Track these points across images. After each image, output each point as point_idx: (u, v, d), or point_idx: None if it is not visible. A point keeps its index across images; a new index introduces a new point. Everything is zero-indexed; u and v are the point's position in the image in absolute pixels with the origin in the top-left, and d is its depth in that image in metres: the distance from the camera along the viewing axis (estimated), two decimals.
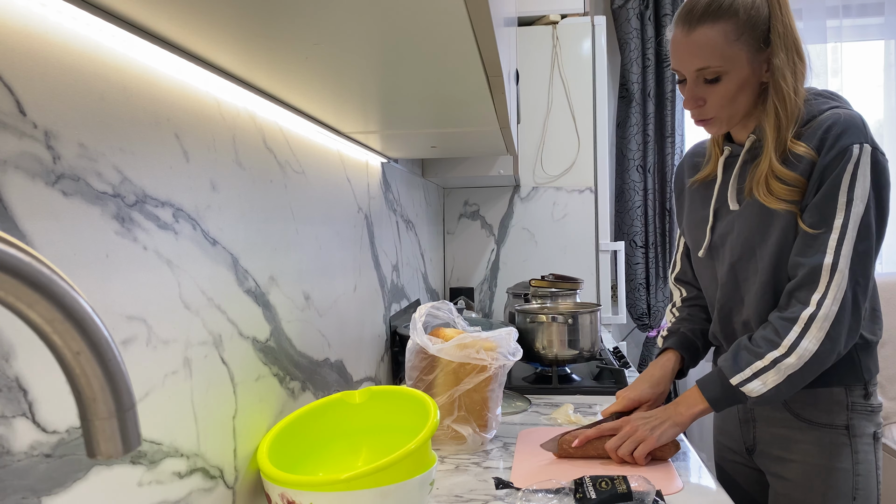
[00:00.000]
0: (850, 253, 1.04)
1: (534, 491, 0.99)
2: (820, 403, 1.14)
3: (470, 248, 2.66)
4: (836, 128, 1.05)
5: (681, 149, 3.05)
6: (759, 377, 1.07)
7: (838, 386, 1.13)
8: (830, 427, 1.13)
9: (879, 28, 3.06)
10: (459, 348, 1.18)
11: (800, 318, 1.06)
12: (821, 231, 1.06)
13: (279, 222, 0.97)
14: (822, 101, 1.11)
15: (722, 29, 1.06)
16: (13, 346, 0.47)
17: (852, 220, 1.04)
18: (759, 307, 1.16)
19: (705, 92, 1.12)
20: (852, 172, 1.03)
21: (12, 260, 0.27)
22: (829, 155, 1.05)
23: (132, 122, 0.61)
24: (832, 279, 1.04)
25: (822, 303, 1.05)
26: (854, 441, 1.12)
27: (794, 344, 1.06)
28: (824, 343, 1.04)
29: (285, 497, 0.79)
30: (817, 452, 1.14)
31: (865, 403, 1.13)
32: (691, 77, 1.12)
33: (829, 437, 1.13)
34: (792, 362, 1.05)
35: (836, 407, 1.13)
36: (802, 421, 1.15)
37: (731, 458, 1.33)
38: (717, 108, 1.12)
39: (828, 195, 1.05)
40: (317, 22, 0.59)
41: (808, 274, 1.06)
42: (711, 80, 1.10)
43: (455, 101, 0.96)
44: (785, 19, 1.07)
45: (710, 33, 1.07)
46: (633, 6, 3.02)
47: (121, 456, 0.30)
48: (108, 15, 0.55)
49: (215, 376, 0.77)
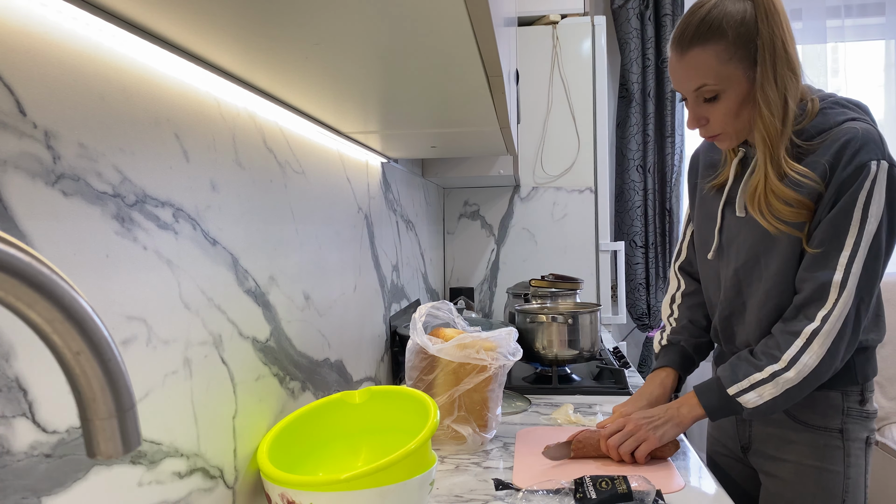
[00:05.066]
0: (859, 271, 1.03)
1: (534, 491, 0.99)
2: (816, 407, 1.14)
3: (470, 248, 2.66)
4: (854, 143, 1.02)
5: (681, 149, 3.05)
6: (756, 389, 1.08)
7: (835, 390, 1.13)
8: (825, 430, 1.14)
9: (880, 28, 3.06)
10: (459, 348, 1.18)
11: (802, 333, 1.06)
12: (832, 247, 1.05)
13: (279, 222, 0.97)
14: (840, 111, 1.08)
15: (713, 50, 1.05)
16: (13, 346, 0.47)
17: (865, 238, 1.03)
18: (760, 314, 1.16)
19: (707, 111, 1.11)
20: (868, 190, 1.02)
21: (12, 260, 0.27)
22: (845, 171, 1.03)
23: (132, 122, 0.61)
24: (840, 297, 1.04)
25: (826, 319, 1.05)
26: (847, 445, 1.13)
27: (794, 358, 1.06)
28: (824, 359, 1.05)
29: (285, 497, 0.79)
30: (810, 454, 1.14)
31: (861, 409, 1.14)
32: (691, 97, 1.12)
33: (823, 440, 1.14)
34: (790, 377, 1.06)
35: (831, 411, 1.14)
36: (798, 422, 1.16)
37: (724, 453, 1.33)
38: (720, 125, 1.11)
39: (842, 212, 1.03)
40: (317, 22, 0.59)
41: (817, 290, 1.06)
42: (710, 98, 1.09)
43: (455, 102, 0.96)
44: (773, 30, 1.04)
45: (702, 55, 1.06)
46: (633, 6, 3.02)
47: (121, 456, 0.30)
48: (108, 15, 0.55)
49: (215, 376, 0.77)
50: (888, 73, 3.08)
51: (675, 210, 3.06)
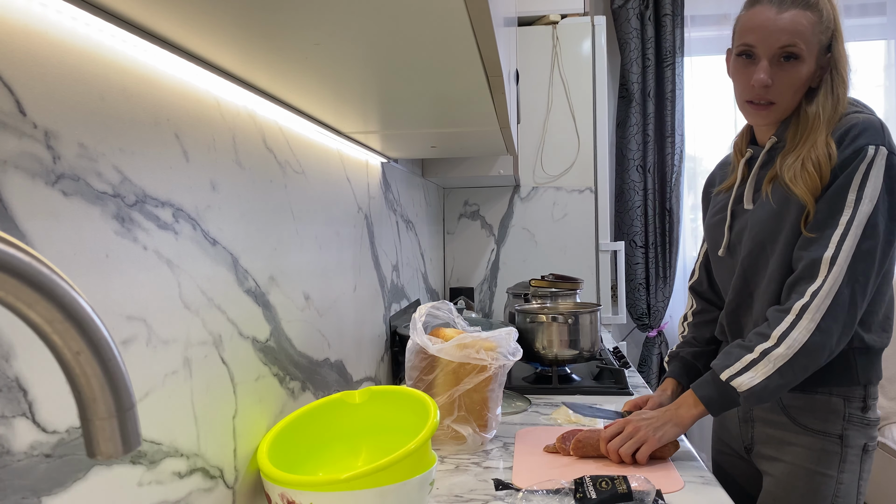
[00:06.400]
0: (851, 249, 1.04)
1: (534, 491, 0.99)
2: (817, 411, 1.14)
3: (470, 248, 2.66)
4: (855, 129, 1.08)
5: (681, 149, 3.05)
6: (750, 370, 1.08)
7: (837, 396, 1.13)
8: (824, 434, 1.14)
9: (880, 28, 3.06)
10: (459, 348, 1.18)
11: (792, 309, 1.07)
12: (826, 226, 1.06)
13: (279, 222, 0.97)
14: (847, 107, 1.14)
15: (810, 18, 1.11)
16: (13, 346, 0.47)
17: (858, 218, 1.04)
18: (765, 303, 1.17)
19: (777, 74, 1.13)
20: (864, 171, 1.05)
21: (12, 260, 0.27)
22: (843, 153, 1.07)
23: (132, 122, 0.61)
24: (829, 272, 1.05)
25: (816, 294, 1.05)
26: (845, 451, 1.13)
27: (783, 334, 1.06)
28: (814, 335, 1.04)
29: (285, 497, 0.79)
30: (807, 456, 1.15)
31: (862, 416, 1.13)
32: (772, 54, 1.13)
33: (821, 444, 1.14)
34: (781, 352, 1.06)
35: (832, 416, 1.14)
36: (798, 425, 1.16)
37: (728, 452, 1.35)
38: (782, 91, 1.14)
39: (837, 192, 1.06)
40: (317, 22, 0.59)
41: (807, 267, 1.07)
42: (788, 59, 1.12)
43: (455, 101, 0.96)
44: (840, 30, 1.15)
45: (801, 18, 1.11)
46: (633, 6, 3.02)
47: (121, 456, 0.30)
48: (108, 15, 0.55)
49: (215, 376, 0.77)
50: (888, 73, 3.08)
51: (675, 210, 3.06)
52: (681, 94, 3.04)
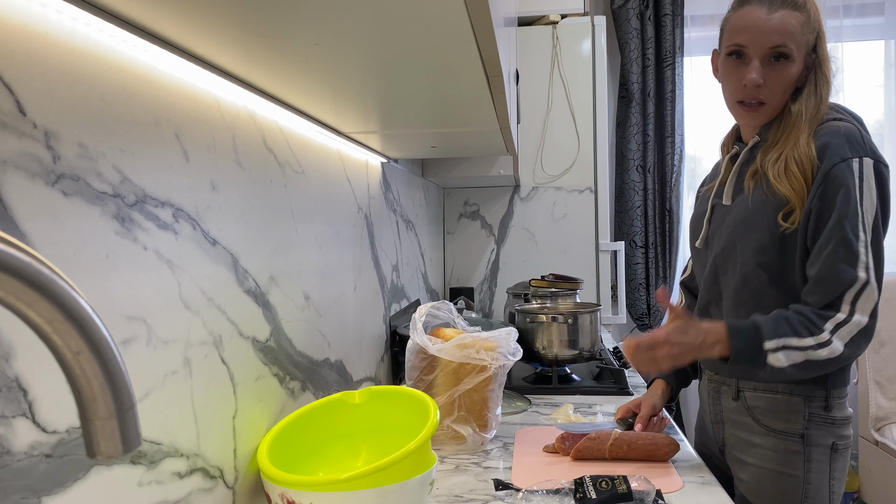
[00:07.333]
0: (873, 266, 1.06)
1: (534, 491, 0.99)
2: (779, 412, 1.15)
3: (470, 248, 2.66)
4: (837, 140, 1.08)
5: (681, 149, 3.05)
6: (786, 352, 1.06)
7: (797, 395, 1.14)
8: (786, 435, 1.14)
9: (880, 28, 3.06)
10: (459, 348, 1.18)
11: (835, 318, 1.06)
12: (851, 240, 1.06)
13: (279, 222, 0.97)
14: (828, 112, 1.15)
15: (798, 19, 1.13)
16: (13, 346, 0.47)
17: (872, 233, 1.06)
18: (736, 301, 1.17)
19: (768, 74, 1.14)
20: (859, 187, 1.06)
21: (12, 260, 0.27)
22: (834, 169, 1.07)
23: (132, 122, 0.61)
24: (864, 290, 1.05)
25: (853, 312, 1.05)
26: (808, 450, 1.13)
27: (828, 341, 1.05)
28: (849, 347, 1.05)
29: (285, 497, 0.79)
30: (771, 458, 1.15)
31: (825, 415, 1.13)
32: (763, 54, 1.14)
33: (784, 445, 1.14)
34: (822, 355, 1.05)
35: (793, 416, 1.14)
36: (762, 426, 1.17)
37: (706, 453, 1.35)
38: (773, 91, 1.15)
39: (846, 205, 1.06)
40: (317, 22, 0.59)
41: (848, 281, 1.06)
42: (779, 59, 1.13)
43: (455, 101, 0.96)
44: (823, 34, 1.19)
45: (790, 19, 1.13)
46: (633, 6, 3.02)
47: (121, 456, 0.30)
48: (108, 15, 0.55)
49: (215, 376, 0.77)
50: (888, 73, 3.08)
51: (675, 210, 3.06)
52: (681, 94, 3.04)
